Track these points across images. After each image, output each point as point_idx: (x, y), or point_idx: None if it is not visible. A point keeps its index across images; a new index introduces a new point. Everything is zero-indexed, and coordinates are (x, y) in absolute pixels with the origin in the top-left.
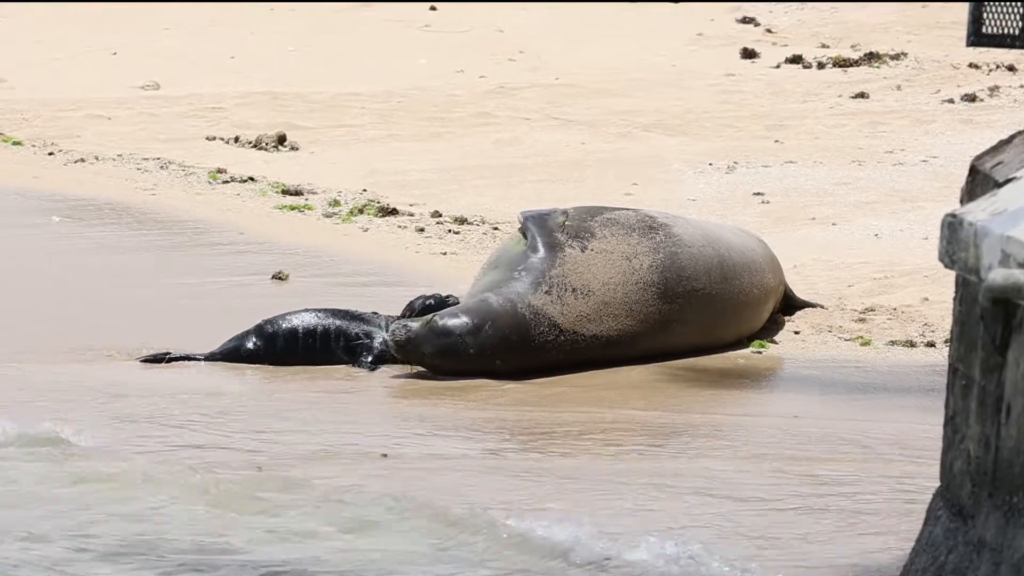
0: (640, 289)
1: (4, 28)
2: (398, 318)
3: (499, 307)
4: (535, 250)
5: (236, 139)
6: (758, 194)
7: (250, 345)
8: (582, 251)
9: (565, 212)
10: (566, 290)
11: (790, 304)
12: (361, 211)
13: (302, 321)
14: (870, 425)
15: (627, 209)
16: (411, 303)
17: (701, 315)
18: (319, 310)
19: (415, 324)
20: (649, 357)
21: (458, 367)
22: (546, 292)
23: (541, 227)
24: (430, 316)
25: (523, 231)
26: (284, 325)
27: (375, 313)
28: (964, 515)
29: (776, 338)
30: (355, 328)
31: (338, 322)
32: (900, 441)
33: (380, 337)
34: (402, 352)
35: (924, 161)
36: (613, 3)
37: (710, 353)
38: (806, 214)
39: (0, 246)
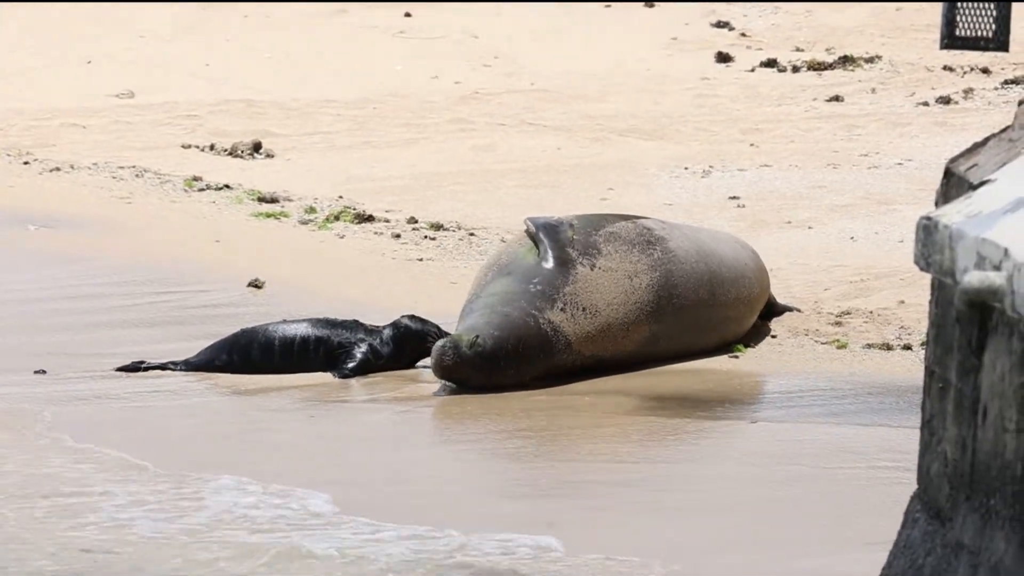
0: (637, 309)
1: None
2: (383, 329)
3: (524, 323)
4: (549, 263)
5: (211, 147)
6: (734, 198)
7: (226, 355)
8: (591, 269)
9: (571, 225)
10: (577, 308)
11: (771, 310)
12: (337, 218)
13: (279, 330)
14: (847, 429)
15: (626, 219)
16: (397, 321)
17: (687, 329)
18: (298, 320)
19: (458, 347)
20: (629, 365)
21: (496, 383)
22: (561, 309)
23: (554, 240)
24: (466, 337)
25: (532, 238)
26: (261, 334)
27: (356, 321)
28: (942, 518)
29: (753, 342)
30: (336, 336)
31: (317, 331)
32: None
33: (363, 346)
34: (447, 374)
35: (899, 164)
36: (587, 5)
37: (688, 359)
38: (782, 217)
39: None
